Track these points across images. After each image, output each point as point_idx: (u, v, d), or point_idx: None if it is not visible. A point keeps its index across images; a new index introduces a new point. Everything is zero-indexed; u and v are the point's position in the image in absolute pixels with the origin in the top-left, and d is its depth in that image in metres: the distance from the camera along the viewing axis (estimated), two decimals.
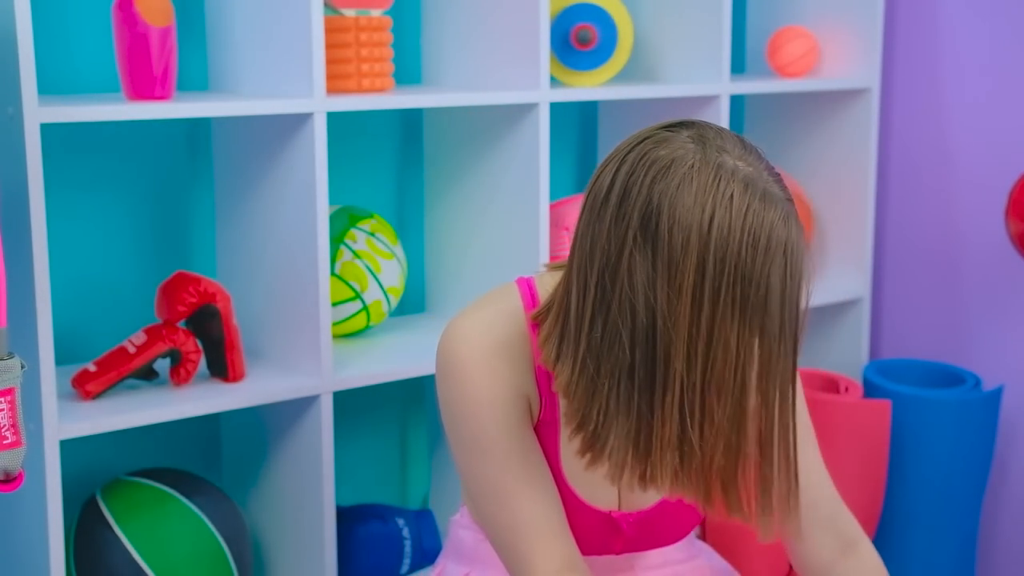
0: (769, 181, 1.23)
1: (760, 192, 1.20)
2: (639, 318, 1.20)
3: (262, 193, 1.99)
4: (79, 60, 1.99)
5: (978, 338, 2.55)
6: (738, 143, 1.26)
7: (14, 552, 1.85)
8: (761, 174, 1.22)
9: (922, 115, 2.60)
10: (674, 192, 1.20)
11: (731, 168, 1.21)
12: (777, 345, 1.22)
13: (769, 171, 1.25)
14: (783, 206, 1.22)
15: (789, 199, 1.24)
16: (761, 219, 1.19)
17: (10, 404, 1.39)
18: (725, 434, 1.23)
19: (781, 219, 1.20)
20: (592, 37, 2.25)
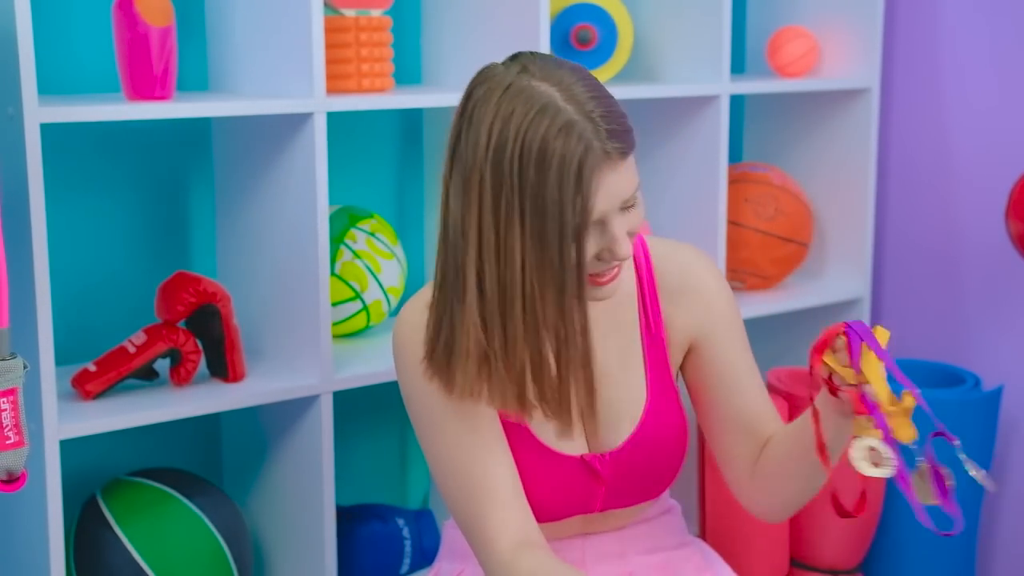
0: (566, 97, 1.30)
1: (540, 107, 1.29)
2: (449, 232, 1.36)
3: (262, 193, 1.99)
4: (79, 60, 1.99)
5: (978, 338, 2.55)
6: (552, 66, 1.34)
7: (14, 552, 1.85)
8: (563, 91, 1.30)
9: (922, 115, 2.60)
10: (470, 114, 1.33)
11: (520, 87, 1.31)
12: (559, 254, 1.30)
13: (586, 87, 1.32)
14: (564, 119, 1.29)
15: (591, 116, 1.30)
16: (536, 133, 1.28)
17: (12, 404, 1.39)
18: (521, 342, 1.33)
19: (559, 132, 1.28)
20: (592, 37, 2.25)
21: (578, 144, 1.29)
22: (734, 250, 2.44)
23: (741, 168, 2.52)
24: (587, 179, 1.30)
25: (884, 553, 2.45)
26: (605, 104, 1.33)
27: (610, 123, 1.32)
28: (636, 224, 1.40)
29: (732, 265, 2.45)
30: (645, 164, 2.46)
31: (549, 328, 1.34)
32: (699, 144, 2.36)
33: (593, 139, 1.30)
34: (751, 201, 2.45)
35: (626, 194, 1.35)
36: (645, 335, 1.56)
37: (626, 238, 1.37)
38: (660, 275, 1.57)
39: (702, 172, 2.36)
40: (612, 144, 1.31)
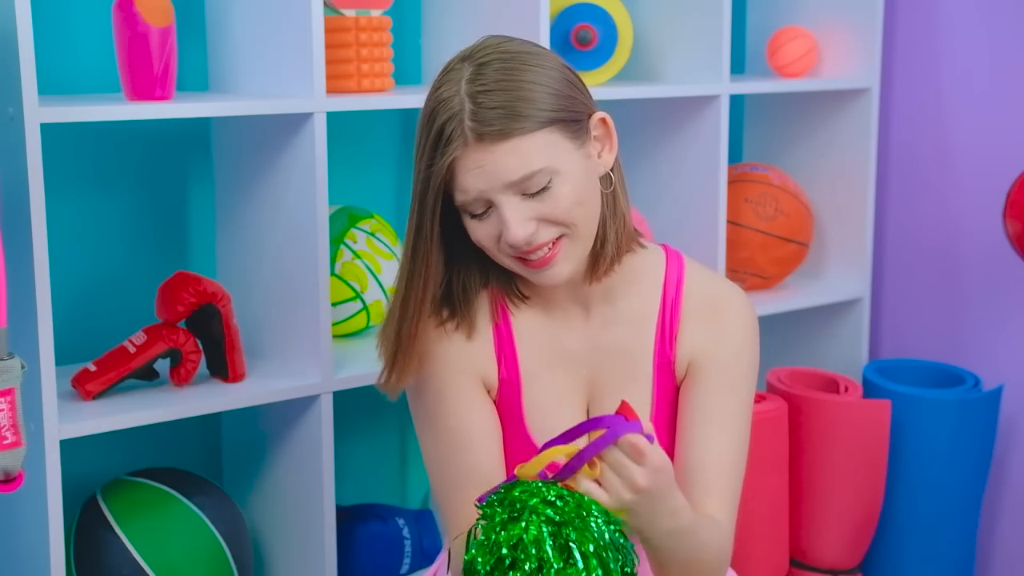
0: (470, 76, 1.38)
1: (445, 81, 1.41)
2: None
3: (262, 193, 1.99)
4: (79, 60, 1.99)
5: (978, 338, 2.55)
6: (492, 51, 1.41)
7: (14, 552, 1.85)
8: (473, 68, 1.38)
9: (922, 115, 2.60)
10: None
11: (452, 63, 1.42)
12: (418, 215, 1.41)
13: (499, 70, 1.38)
14: (450, 92, 1.38)
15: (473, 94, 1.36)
16: (430, 101, 1.41)
17: (10, 404, 1.39)
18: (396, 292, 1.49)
19: (441, 103, 1.38)
20: (592, 37, 2.25)
21: (444, 116, 1.37)
22: (734, 250, 2.44)
23: (741, 168, 2.52)
24: (446, 151, 1.36)
25: (884, 553, 2.45)
26: (493, 83, 1.37)
27: (481, 100, 1.36)
28: (551, 212, 1.39)
29: (732, 265, 2.45)
30: (645, 164, 2.46)
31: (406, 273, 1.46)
32: (699, 144, 2.35)
33: (464, 116, 1.36)
34: (751, 201, 2.45)
35: (506, 177, 1.36)
36: (657, 358, 1.53)
37: (517, 223, 1.38)
38: (687, 298, 1.53)
39: (702, 172, 2.36)
40: (474, 123, 1.35)
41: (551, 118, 1.37)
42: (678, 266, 1.55)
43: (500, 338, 1.51)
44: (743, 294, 1.56)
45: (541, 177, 1.37)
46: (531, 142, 1.36)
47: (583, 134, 1.42)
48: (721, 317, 1.53)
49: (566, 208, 1.39)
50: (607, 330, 1.52)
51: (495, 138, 1.35)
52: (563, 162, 1.38)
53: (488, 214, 1.40)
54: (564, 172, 1.38)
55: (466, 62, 1.40)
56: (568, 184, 1.39)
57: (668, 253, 1.56)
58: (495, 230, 1.40)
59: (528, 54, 1.41)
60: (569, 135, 1.39)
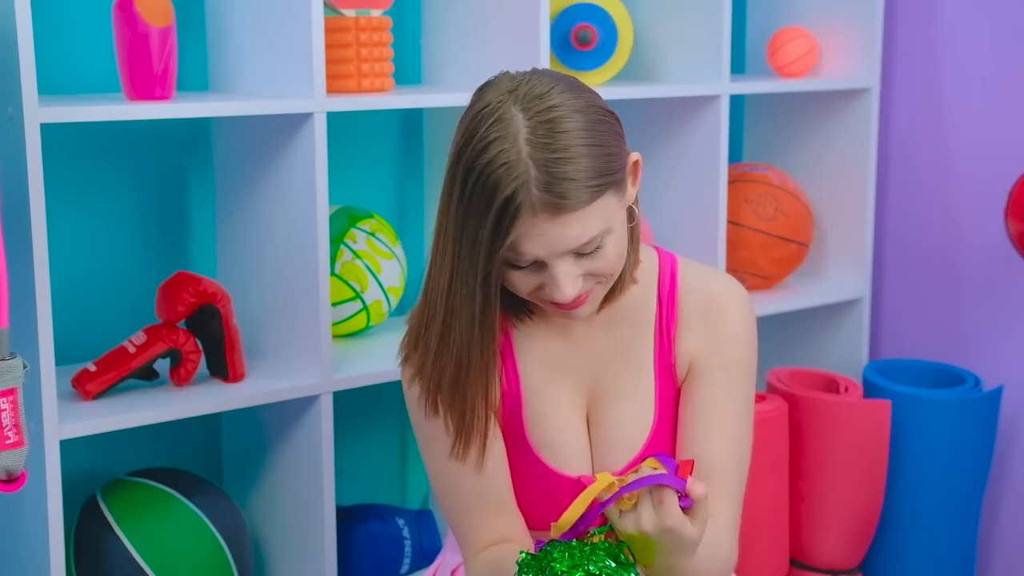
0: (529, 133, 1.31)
1: (501, 134, 1.31)
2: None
3: (262, 193, 1.99)
4: (79, 60, 1.99)
5: (978, 338, 2.55)
6: (539, 98, 1.34)
7: (14, 552, 1.85)
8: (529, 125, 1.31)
9: (922, 115, 2.60)
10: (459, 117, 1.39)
11: (498, 108, 1.33)
12: (475, 277, 1.35)
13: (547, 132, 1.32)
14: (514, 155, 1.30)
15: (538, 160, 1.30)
16: (487, 156, 1.31)
17: (12, 404, 1.39)
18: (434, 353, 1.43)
19: (503, 165, 1.30)
20: (592, 37, 2.25)
21: (511, 183, 1.30)
22: (734, 250, 2.44)
23: (741, 168, 2.52)
24: (510, 219, 1.31)
25: (884, 553, 2.45)
26: (563, 147, 1.31)
27: (553, 170, 1.30)
28: (598, 268, 1.38)
29: (732, 265, 2.45)
30: (645, 164, 2.44)
31: (458, 342, 1.40)
32: (699, 144, 2.35)
33: (532, 184, 1.30)
34: (751, 201, 2.45)
35: (570, 245, 1.33)
36: (658, 361, 1.52)
37: (568, 281, 1.36)
38: (683, 301, 1.52)
39: (702, 172, 2.36)
40: (546, 195, 1.30)
41: (608, 182, 1.35)
42: (671, 267, 1.54)
43: (502, 354, 1.50)
44: (738, 287, 1.55)
45: (599, 239, 1.36)
46: (593, 209, 1.34)
47: (624, 183, 1.40)
48: (718, 316, 1.52)
49: (611, 262, 1.38)
50: (606, 338, 1.52)
51: (566, 209, 1.32)
52: (614, 220, 1.37)
53: (533, 267, 1.37)
54: (614, 229, 1.38)
55: (519, 110, 1.33)
56: (614, 239, 1.38)
57: (660, 255, 1.55)
58: (536, 280, 1.38)
59: (582, 106, 1.36)
60: (617, 192, 1.38)
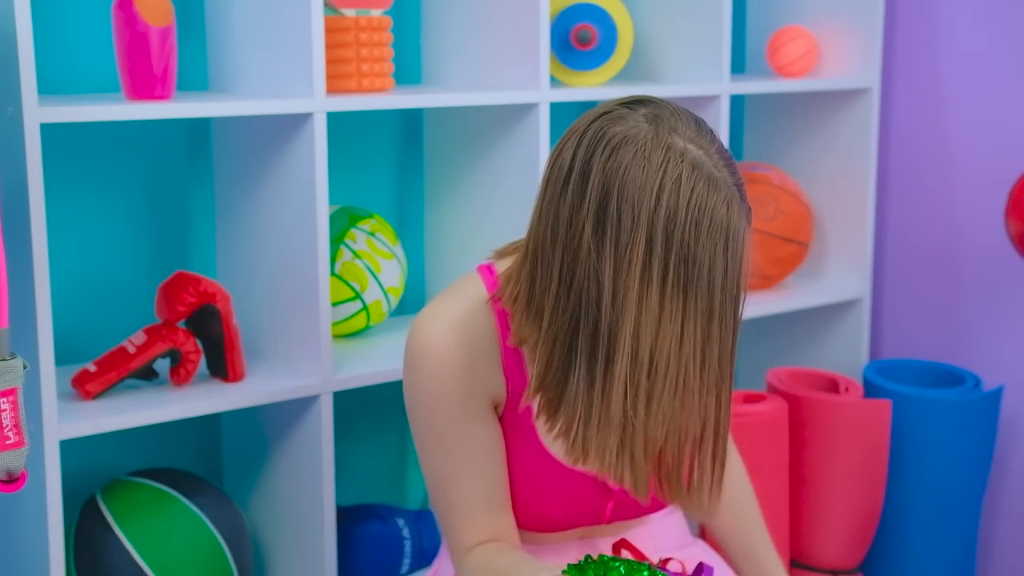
0: (718, 164, 1.28)
1: (706, 175, 1.26)
2: (591, 294, 1.27)
3: (262, 193, 1.99)
4: (79, 60, 1.99)
5: (978, 338, 2.55)
6: (692, 124, 1.31)
7: (14, 552, 1.85)
8: (711, 156, 1.28)
9: (922, 115, 2.60)
10: (625, 171, 1.26)
11: (680, 149, 1.27)
12: (719, 326, 1.27)
13: (721, 154, 1.30)
14: (727, 190, 1.27)
15: (737, 184, 1.29)
16: (704, 201, 1.25)
17: (12, 404, 1.39)
18: (665, 414, 1.28)
19: (724, 203, 1.25)
20: (592, 37, 2.25)
21: (739, 218, 1.27)
22: None
23: (741, 168, 2.52)
24: (741, 253, 1.28)
25: (884, 553, 2.45)
26: (737, 171, 1.31)
27: (742, 192, 1.30)
28: None
29: None
30: None
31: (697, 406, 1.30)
32: None
33: (745, 210, 1.29)
34: (751, 201, 2.45)
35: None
36: None
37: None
38: None
39: None
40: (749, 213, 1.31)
41: None
42: None
43: (507, 352, 1.49)
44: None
45: None
46: None
47: None
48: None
49: None
50: None
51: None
52: None
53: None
54: None
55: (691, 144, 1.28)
56: None
57: None
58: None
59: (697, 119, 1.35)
60: None
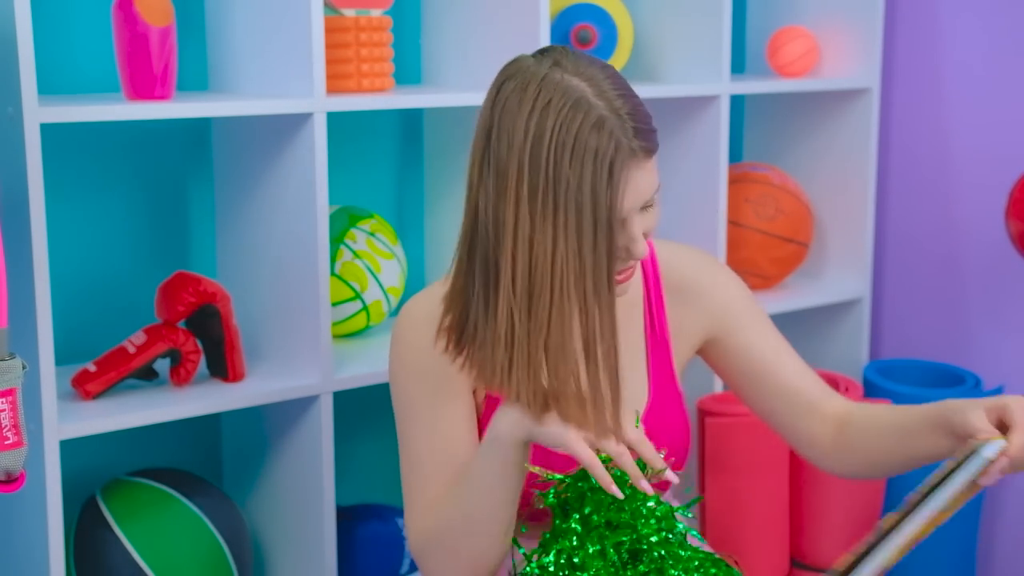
0: (604, 94, 1.31)
1: (575, 100, 1.30)
2: (481, 223, 1.36)
3: (262, 193, 1.99)
4: (79, 60, 1.99)
5: (978, 338, 2.55)
6: (583, 61, 1.35)
7: (14, 552, 1.85)
8: (597, 85, 1.32)
9: (922, 115, 2.60)
10: (504, 104, 1.34)
11: (556, 80, 1.32)
12: (591, 244, 1.31)
13: (616, 86, 1.33)
14: (599, 114, 1.30)
15: (629, 112, 1.32)
16: (571, 125, 1.29)
17: (11, 404, 1.39)
18: (543, 327, 1.33)
19: (591, 126, 1.30)
20: (592, 37, 2.25)
21: (609, 141, 1.31)
22: (734, 250, 2.44)
23: (741, 168, 2.52)
24: (617, 175, 1.31)
25: None
26: (632, 102, 1.34)
27: (637, 121, 1.33)
28: (652, 225, 1.41)
29: (732, 265, 2.45)
30: None
31: (577, 323, 1.34)
32: (699, 144, 2.36)
33: (622, 136, 1.31)
34: (751, 201, 2.45)
35: (648, 194, 1.36)
36: (649, 337, 1.56)
37: (642, 238, 1.38)
38: (666, 277, 1.58)
39: (702, 172, 2.36)
40: (638, 142, 1.33)
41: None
42: (649, 248, 1.58)
43: None
44: (707, 253, 1.65)
45: (657, 191, 1.40)
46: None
47: None
48: (705, 286, 1.59)
49: (657, 220, 1.41)
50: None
51: (650, 153, 1.35)
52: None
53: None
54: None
55: (573, 76, 1.33)
56: (658, 196, 1.42)
57: None
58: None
59: (603, 64, 1.39)
60: None
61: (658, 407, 1.54)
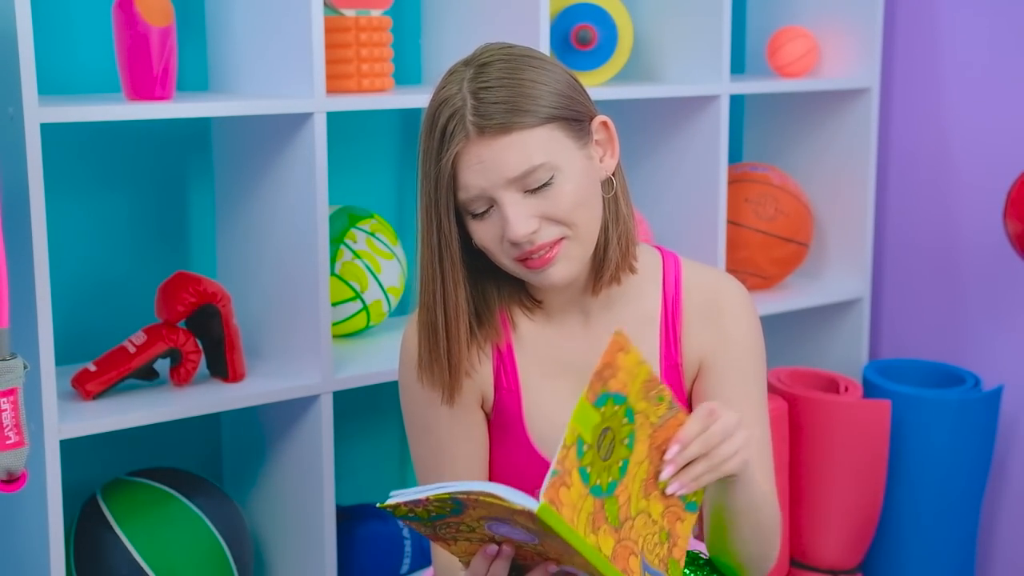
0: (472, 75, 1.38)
1: (444, 83, 1.40)
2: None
3: (262, 193, 1.99)
4: (79, 60, 1.99)
5: (978, 338, 2.55)
6: (494, 53, 1.41)
7: (14, 552, 1.85)
8: (475, 69, 1.38)
9: (922, 115, 2.60)
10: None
11: (450, 69, 1.41)
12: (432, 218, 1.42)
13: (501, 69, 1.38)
14: (451, 91, 1.38)
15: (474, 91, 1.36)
16: (431, 105, 1.39)
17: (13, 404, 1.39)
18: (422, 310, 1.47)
19: (442, 103, 1.38)
20: (592, 37, 2.25)
21: (447, 113, 1.37)
22: (734, 250, 2.44)
23: (741, 168, 2.52)
24: (448, 147, 1.36)
25: (884, 553, 2.45)
26: (494, 80, 1.37)
27: (482, 95, 1.36)
28: (553, 210, 1.38)
29: (732, 265, 2.45)
30: (645, 164, 2.46)
31: (437, 296, 1.44)
32: (699, 144, 2.36)
33: (466, 111, 1.36)
34: (751, 201, 2.46)
35: (507, 172, 1.35)
36: (664, 360, 1.52)
37: (518, 219, 1.36)
38: (687, 297, 1.53)
39: (702, 172, 2.36)
40: (475, 117, 1.35)
41: (552, 115, 1.37)
42: (675, 266, 1.54)
43: (501, 353, 1.51)
44: (739, 286, 1.56)
45: (542, 173, 1.36)
46: (532, 137, 1.36)
47: (585, 135, 1.41)
48: (724, 314, 1.53)
49: (568, 207, 1.38)
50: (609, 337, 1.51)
51: (496, 131, 1.35)
52: (564, 160, 1.38)
53: (489, 213, 1.39)
54: (566, 170, 1.38)
55: (468, 65, 1.40)
56: (570, 183, 1.38)
57: (663, 254, 1.56)
58: (497, 230, 1.39)
59: (530, 56, 1.41)
60: (571, 134, 1.39)
61: None
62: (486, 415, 1.53)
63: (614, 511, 1.24)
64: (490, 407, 1.52)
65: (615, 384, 1.23)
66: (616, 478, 1.25)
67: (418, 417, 1.52)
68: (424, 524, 1.26)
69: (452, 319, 1.44)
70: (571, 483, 1.20)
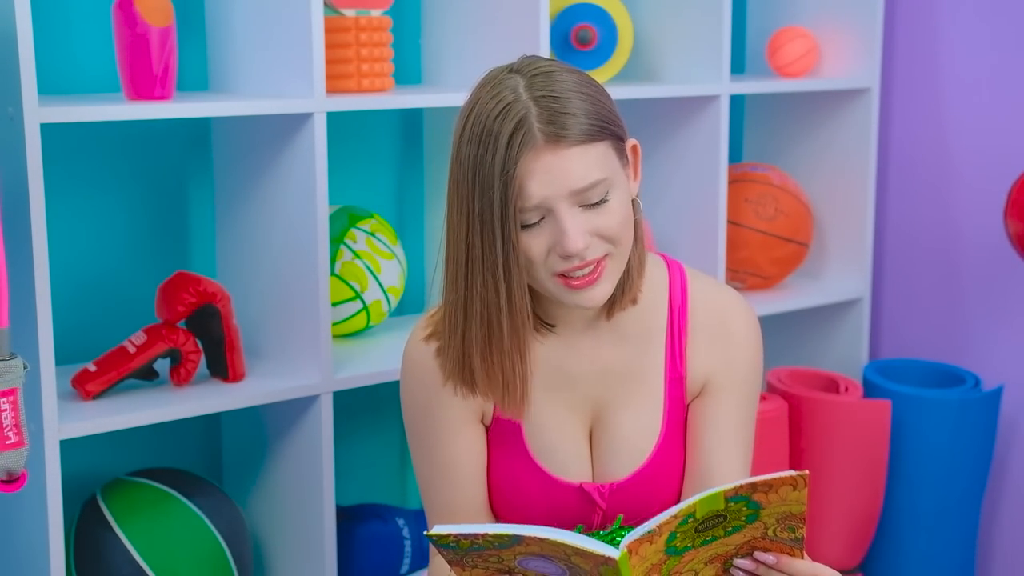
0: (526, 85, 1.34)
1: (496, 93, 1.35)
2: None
3: (262, 193, 1.99)
4: (79, 60, 1.99)
5: (978, 338, 2.55)
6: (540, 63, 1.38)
7: (14, 552, 1.85)
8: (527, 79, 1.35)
9: (922, 115, 2.60)
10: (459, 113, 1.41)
11: (494, 79, 1.38)
12: (492, 233, 1.35)
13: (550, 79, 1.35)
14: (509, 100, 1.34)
15: (536, 98, 1.33)
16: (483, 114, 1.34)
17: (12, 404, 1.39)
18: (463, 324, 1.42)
19: (501, 112, 1.33)
20: (592, 37, 2.25)
21: (512, 121, 1.33)
22: (734, 250, 2.44)
23: (741, 168, 2.52)
24: (514, 155, 1.32)
25: (884, 553, 2.45)
26: (560, 91, 1.35)
27: (552, 105, 1.33)
28: (606, 226, 1.37)
29: (732, 265, 2.45)
30: (645, 164, 2.45)
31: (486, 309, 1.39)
32: (699, 144, 2.36)
33: (532, 119, 1.33)
34: (751, 201, 2.45)
35: (573, 184, 1.34)
36: (669, 374, 1.51)
37: (576, 232, 1.35)
38: (694, 313, 1.52)
39: (702, 172, 2.36)
40: (546, 126, 1.32)
41: (610, 131, 1.37)
42: (680, 278, 1.53)
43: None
44: (746, 302, 1.56)
45: (602, 188, 1.36)
46: (595, 151, 1.35)
47: (624, 155, 1.41)
48: (730, 333, 1.52)
49: (618, 223, 1.38)
50: (614, 350, 1.50)
51: (567, 141, 1.33)
52: (617, 177, 1.38)
53: (541, 225, 1.36)
54: (618, 187, 1.38)
55: (519, 74, 1.37)
56: (619, 201, 1.38)
57: (669, 264, 1.54)
58: (547, 241, 1.36)
59: (581, 72, 1.40)
60: (618, 152, 1.39)
61: (668, 446, 1.51)
62: (485, 428, 1.52)
63: (672, 565, 1.26)
64: (489, 420, 1.51)
65: (760, 498, 1.24)
66: (695, 545, 1.26)
67: (422, 435, 1.52)
68: (456, 552, 1.26)
69: (520, 326, 1.41)
70: (656, 541, 1.22)
